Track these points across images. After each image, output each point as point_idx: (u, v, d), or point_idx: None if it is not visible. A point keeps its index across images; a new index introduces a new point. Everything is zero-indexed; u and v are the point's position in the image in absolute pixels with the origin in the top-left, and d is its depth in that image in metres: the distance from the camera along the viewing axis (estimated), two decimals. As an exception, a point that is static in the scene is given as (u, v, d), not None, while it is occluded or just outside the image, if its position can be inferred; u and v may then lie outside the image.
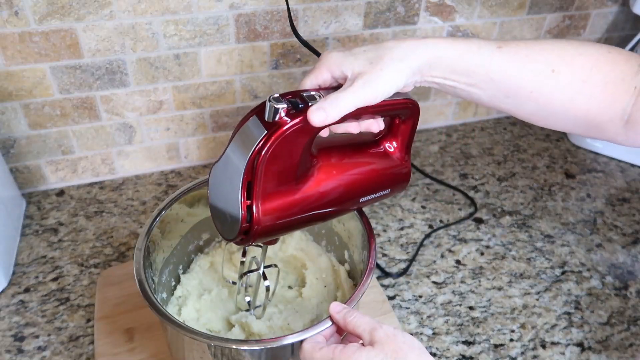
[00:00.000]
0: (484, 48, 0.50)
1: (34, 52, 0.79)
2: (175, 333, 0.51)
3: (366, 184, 0.56)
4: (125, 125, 0.91)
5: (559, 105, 0.51)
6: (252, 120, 0.47)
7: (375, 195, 0.58)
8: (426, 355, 0.46)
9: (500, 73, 0.50)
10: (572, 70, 0.50)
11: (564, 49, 0.51)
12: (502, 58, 0.50)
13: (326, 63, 0.50)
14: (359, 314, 0.49)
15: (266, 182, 0.47)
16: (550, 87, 0.50)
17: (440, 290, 0.77)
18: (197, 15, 0.83)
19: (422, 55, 0.49)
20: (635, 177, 1.00)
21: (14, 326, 0.70)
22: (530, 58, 0.50)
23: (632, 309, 0.75)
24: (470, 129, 1.13)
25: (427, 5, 0.96)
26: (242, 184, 0.47)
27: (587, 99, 0.50)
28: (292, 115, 0.46)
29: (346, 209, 0.57)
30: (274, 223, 0.50)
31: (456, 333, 0.71)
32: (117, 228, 0.85)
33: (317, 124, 0.46)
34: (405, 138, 0.58)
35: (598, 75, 0.50)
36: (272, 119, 0.46)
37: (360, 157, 0.56)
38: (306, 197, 0.51)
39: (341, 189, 0.54)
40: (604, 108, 0.51)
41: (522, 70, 0.50)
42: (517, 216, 0.90)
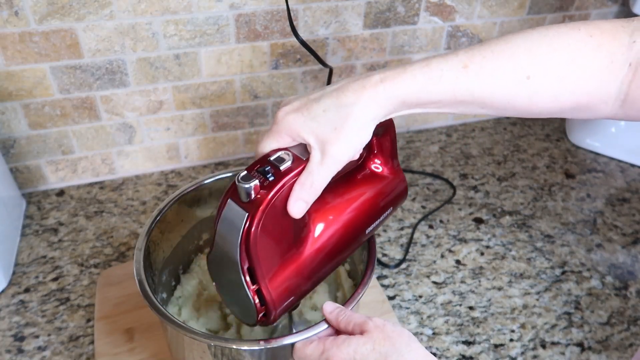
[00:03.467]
0: (446, 74, 0.45)
1: (34, 52, 0.79)
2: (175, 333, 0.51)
3: (367, 214, 0.54)
4: (125, 125, 0.91)
5: (542, 106, 0.48)
6: (229, 205, 0.45)
7: (380, 219, 0.56)
8: (415, 343, 0.46)
9: (469, 94, 0.46)
10: (549, 71, 0.46)
11: (537, 48, 0.46)
12: (468, 79, 0.46)
13: (286, 128, 0.46)
14: (351, 312, 0.49)
15: (265, 260, 0.46)
16: (527, 94, 0.47)
17: (440, 290, 0.77)
18: (197, 15, 0.83)
19: (384, 105, 0.46)
20: (635, 177, 1.00)
21: (14, 326, 0.70)
22: (500, 70, 0.46)
23: (632, 309, 0.75)
24: (470, 129, 1.13)
25: (427, 5, 0.96)
26: (242, 273, 0.45)
27: (572, 92, 0.47)
28: (266, 187, 0.44)
29: (356, 245, 0.55)
30: (289, 294, 0.48)
31: (456, 333, 0.71)
32: (117, 228, 0.85)
33: (299, 215, 0.46)
34: (387, 151, 0.55)
35: (580, 66, 0.46)
36: (248, 199, 0.43)
37: (352, 190, 0.54)
38: (311, 256, 0.49)
39: (343, 231, 0.52)
40: (594, 94, 0.47)
41: (493, 86, 0.46)
42: (517, 216, 0.90)
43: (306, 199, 0.45)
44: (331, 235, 0.51)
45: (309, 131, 0.45)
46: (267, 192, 0.43)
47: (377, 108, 0.45)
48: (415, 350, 0.45)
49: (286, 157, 0.45)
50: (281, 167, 0.45)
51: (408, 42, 0.99)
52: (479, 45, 0.47)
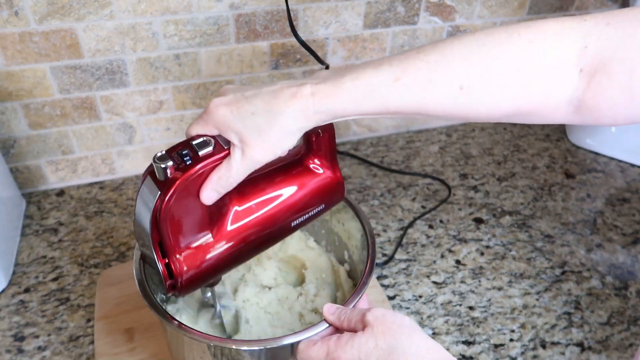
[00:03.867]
0: (376, 89, 0.45)
1: (34, 52, 0.79)
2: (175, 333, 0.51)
3: (293, 207, 0.55)
4: (125, 125, 0.91)
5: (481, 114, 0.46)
6: (147, 182, 0.47)
7: (309, 215, 0.56)
8: (417, 333, 0.46)
9: (401, 107, 0.45)
10: (486, 80, 0.44)
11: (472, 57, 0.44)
12: (399, 93, 0.45)
13: (213, 120, 0.47)
14: (350, 309, 0.49)
15: (175, 237, 0.48)
16: (463, 104, 0.45)
17: (440, 290, 0.77)
18: (197, 15, 0.83)
19: (312, 118, 0.46)
20: (635, 177, 1.00)
21: (14, 326, 0.70)
22: (433, 82, 0.44)
23: (632, 309, 0.75)
24: (470, 129, 1.13)
25: (427, 5, 0.96)
26: (153, 245, 0.47)
27: (512, 100, 0.45)
28: (182, 169, 0.46)
29: (277, 235, 0.56)
30: (199, 272, 0.50)
31: (456, 333, 0.71)
32: (117, 228, 0.85)
33: (210, 203, 0.47)
34: (326, 151, 0.56)
35: (518, 74, 0.44)
36: (163, 178, 0.46)
37: (280, 182, 0.55)
38: (226, 239, 0.51)
39: (264, 220, 0.53)
40: (536, 101, 0.45)
41: (425, 99, 0.45)
42: (517, 216, 0.90)
43: (218, 190, 0.47)
44: (251, 222, 0.52)
45: (234, 130, 0.46)
46: (182, 174, 0.45)
47: (304, 120, 0.46)
48: (417, 341, 0.45)
49: (208, 143, 0.47)
50: (200, 153, 0.46)
51: (408, 42, 0.99)
52: (415, 53, 0.45)
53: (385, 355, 0.44)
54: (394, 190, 0.94)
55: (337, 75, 0.46)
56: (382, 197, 0.93)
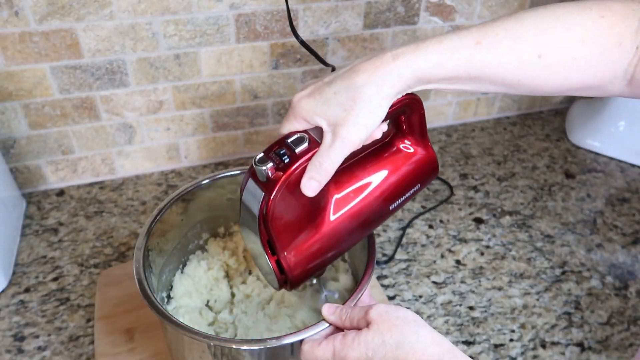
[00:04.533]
0: (459, 50, 0.46)
1: (34, 52, 0.79)
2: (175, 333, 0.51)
3: (391, 190, 0.55)
4: (125, 125, 0.91)
5: (552, 85, 0.49)
6: (250, 183, 0.48)
7: (406, 196, 0.57)
8: (422, 328, 0.46)
9: (482, 70, 0.47)
10: (561, 50, 0.46)
11: (548, 27, 0.46)
12: (481, 56, 0.46)
13: (299, 112, 0.48)
14: (350, 308, 0.49)
15: (283, 234, 0.49)
16: (538, 72, 0.47)
17: (440, 290, 0.76)
18: (197, 15, 0.83)
19: (396, 84, 0.46)
20: (635, 177, 1.00)
21: (14, 326, 0.70)
22: (512, 48, 0.46)
23: (632, 309, 0.75)
24: (470, 129, 1.13)
25: (427, 5, 0.96)
26: (262, 244, 0.49)
27: (582, 72, 0.47)
28: (282, 168, 0.46)
29: (379, 220, 0.57)
30: (307, 265, 0.51)
31: (456, 333, 0.71)
32: (117, 228, 0.85)
33: (313, 194, 0.47)
34: (417, 129, 0.56)
35: (590, 47, 0.46)
36: (265, 179, 0.47)
37: (377, 167, 0.55)
38: (329, 229, 0.52)
39: (363, 207, 0.53)
40: (602, 75, 0.48)
41: (505, 63, 0.47)
42: (517, 216, 0.90)
43: (318, 179, 0.47)
44: (351, 210, 0.53)
45: (321, 114, 0.46)
46: (283, 174, 0.46)
47: (389, 87, 0.46)
48: (423, 335, 0.45)
49: (303, 139, 0.47)
50: (297, 150, 0.47)
51: (408, 42, 0.98)
52: (492, 22, 0.47)
53: (393, 350, 0.44)
54: (394, 190, 0.94)
55: (416, 42, 0.47)
56: (382, 197, 0.93)
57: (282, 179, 0.46)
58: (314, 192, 0.47)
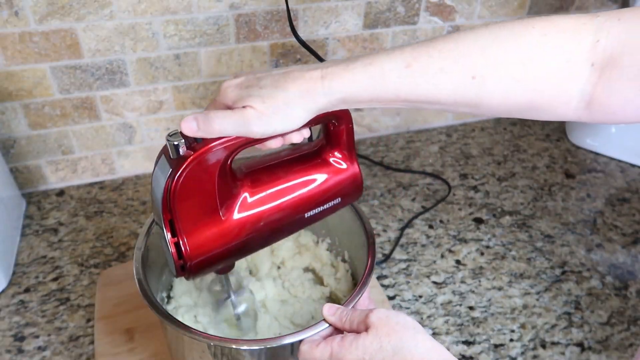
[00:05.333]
0: (388, 74, 0.45)
1: (34, 52, 0.79)
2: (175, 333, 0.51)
3: (308, 198, 0.54)
4: (125, 125, 0.91)
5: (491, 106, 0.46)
6: (161, 160, 0.48)
7: (324, 207, 0.56)
8: (421, 334, 0.46)
9: (412, 94, 0.45)
10: (497, 72, 0.44)
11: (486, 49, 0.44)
12: (411, 79, 0.44)
13: (223, 98, 0.47)
14: (351, 310, 0.49)
15: (186, 216, 0.48)
16: (474, 94, 0.45)
17: (440, 290, 0.76)
18: (197, 15, 0.83)
19: (321, 101, 0.46)
20: (635, 177, 1.00)
21: (14, 326, 0.70)
22: (444, 70, 0.44)
23: (632, 309, 0.75)
24: (470, 129, 1.13)
25: (427, 5, 0.96)
26: (164, 223, 0.48)
27: (522, 93, 0.45)
28: (193, 147, 0.46)
29: (291, 227, 0.56)
30: (208, 254, 0.50)
31: (456, 333, 0.71)
32: (117, 228, 0.85)
33: (185, 131, 0.46)
34: (344, 143, 0.55)
35: (532, 67, 0.44)
36: (176, 156, 0.46)
37: (296, 172, 0.54)
38: (236, 224, 0.51)
39: (277, 209, 0.53)
40: (548, 95, 0.45)
41: (437, 86, 0.45)
42: (517, 216, 0.90)
43: (200, 125, 0.45)
44: (263, 210, 0.52)
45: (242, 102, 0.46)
46: (193, 152, 0.46)
47: (311, 103, 0.46)
48: (422, 342, 0.45)
49: None
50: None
51: (408, 42, 0.99)
52: (428, 42, 0.45)
53: (390, 356, 0.44)
54: (394, 190, 0.94)
55: (348, 61, 0.46)
56: (382, 197, 0.93)
57: (191, 157, 0.45)
58: (188, 131, 0.46)
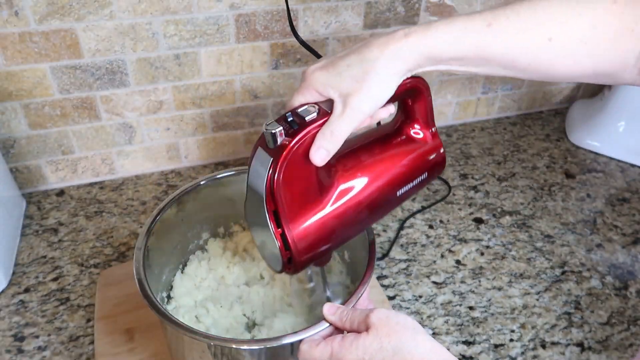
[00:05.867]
0: (471, 31, 0.46)
1: (34, 52, 0.79)
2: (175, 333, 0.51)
3: (397, 176, 0.55)
4: (125, 125, 0.91)
5: (563, 70, 0.49)
6: (258, 152, 0.48)
7: (413, 184, 0.56)
8: (421, 334, 0.46)
9: (492, 52, 0.47)
10: (571, 35, 0.46)
11: (560, 11, 0.46)
12: (492, 37, 0.46)
13: (312, 84, 0.48)
14: (351, 310, 0.49)
15: (290, 205, 0.48)
16: (548, 56, 0.47)
17: (440, 290, 0.76)
18: (197, 15, 0.83)
19: (407, 60, 0.47)
20: (635, 177, 1.00)
21: (14, 326, 0.70)
22: (523, 31, 0.46)
23: (632, 309, 0.75)
24: (470, 129, 1.13)
25: (427, 5, 0.96)
26: (268, 214, 0.47)
27: (593, 58, 0.47)
28: (291, 134, 0.46)
29: (386, 206, 0.56)
30: (313, 243, 0.50)
31: (456, 333, 0.71)
32: (117, 228, 0.85)
33: (321, 163, 0.47)
34: (423, 117, 0.56)
35: (601, 32, 0.46)
36: (274, 145, 0.46)
37: (383, 151, 0.55)
38: (337, 210, 0.51)
39: (371, 189, 0.53)
40: (613, 62, 0.47)
41: (515, 46, 0.47)
42: (517, 216, 0.90)
43: (327, 147, 0.47)
44: (359, 192, 0.52)
45: (333, 86, 0.47)
46: (291, 139, 0.46)
47: (400, 63, 0.47)
48: (422, 342, 0.45)
49: (312, 110, 0.48)
50: (306, 118, 0.47)
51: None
52: (504, 6, 0.47)
53: (390, 356, 0.44)
54: (394, 190, 0.94)
55: (428, 22, 0.47)
56: (382, 197, 0.93)
57: (291, 144, 0.46)
58: (322, 161, 0.47)
